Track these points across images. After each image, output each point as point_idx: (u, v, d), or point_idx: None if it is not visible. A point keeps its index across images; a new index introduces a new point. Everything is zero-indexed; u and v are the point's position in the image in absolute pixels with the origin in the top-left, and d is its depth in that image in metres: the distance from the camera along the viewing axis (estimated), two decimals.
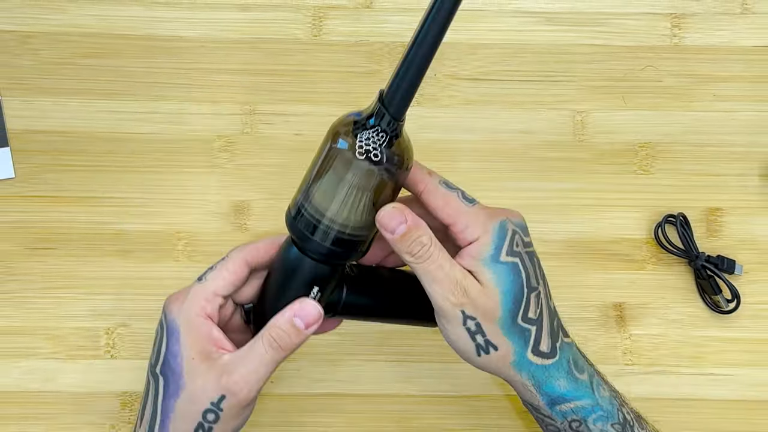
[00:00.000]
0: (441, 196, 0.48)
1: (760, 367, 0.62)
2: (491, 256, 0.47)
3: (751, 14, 0.65)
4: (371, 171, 0.45)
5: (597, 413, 0.49)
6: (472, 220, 0.47)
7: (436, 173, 0.49)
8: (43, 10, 0.64)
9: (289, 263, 0.49)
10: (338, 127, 0.47)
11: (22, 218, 0.62)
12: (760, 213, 0.63)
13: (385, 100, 0.45)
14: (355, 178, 0.45)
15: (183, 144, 0.63)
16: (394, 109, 0.45)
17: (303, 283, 0.48)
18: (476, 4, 0.65)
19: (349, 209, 0.46)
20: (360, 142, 0.45)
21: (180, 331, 0.48)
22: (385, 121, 0.45)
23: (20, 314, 0.61)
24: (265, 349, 0.47)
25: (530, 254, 0.48)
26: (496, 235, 0.47)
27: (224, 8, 0.64)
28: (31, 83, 0.63)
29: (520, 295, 0.47)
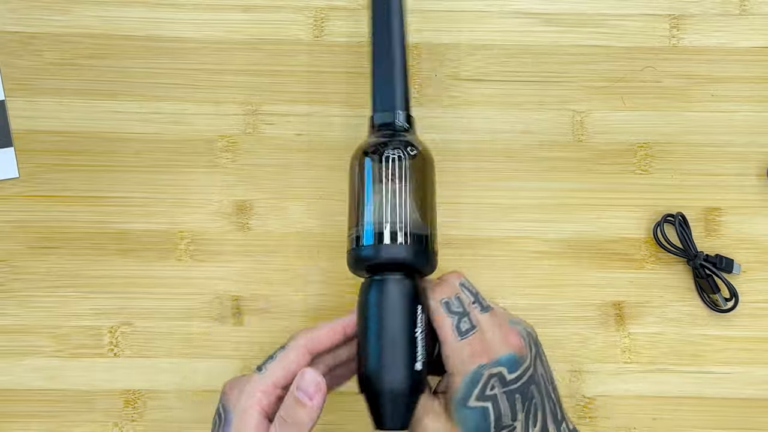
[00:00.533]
0: (436, 318, 0.49)
1: (758, 365, 0.62)
2: (460, 400, 0.47)
3: (749, 15, 0.65)
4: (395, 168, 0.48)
5: None
6: (455, 355, 0.48)
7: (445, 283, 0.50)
8: (47, 11, 0.63)
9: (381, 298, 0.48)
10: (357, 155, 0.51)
11: (25, 218, 0.62)
12: (759, 212, 0.63)
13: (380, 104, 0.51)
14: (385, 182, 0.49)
15: (185, 144, 0.63)
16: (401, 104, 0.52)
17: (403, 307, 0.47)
18: (477, 5, 0.64)
19: (395, 210, 0.48)
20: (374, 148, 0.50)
21: (233, 423, 0.48)
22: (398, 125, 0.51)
23: (24, 313, 0.61)
24: (278, 427, 0.47)
25: (510, 393, 0.47)
26: (469, 380, 0.47)
27: (226, 9, 0.64)
28: (35, 84, 0.63)
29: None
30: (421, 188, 0.50)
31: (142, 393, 0.61)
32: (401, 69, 0.52)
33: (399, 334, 0.47)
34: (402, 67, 0.52)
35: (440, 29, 0.64)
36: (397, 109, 0.53)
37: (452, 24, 0.64)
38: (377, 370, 0.47)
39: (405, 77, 0.52)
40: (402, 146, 0.50)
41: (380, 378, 0.47)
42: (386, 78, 0.52)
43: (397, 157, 0.49)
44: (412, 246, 0.48)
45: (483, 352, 0.47)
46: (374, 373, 0.47)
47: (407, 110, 0.53)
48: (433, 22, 0.64)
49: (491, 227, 0.63)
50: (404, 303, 0.47)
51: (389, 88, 0.52)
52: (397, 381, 0.47)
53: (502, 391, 0.47)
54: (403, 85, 0.53)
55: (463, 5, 0.65)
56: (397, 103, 0.53)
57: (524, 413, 0.48)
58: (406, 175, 0.49)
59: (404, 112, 0.53)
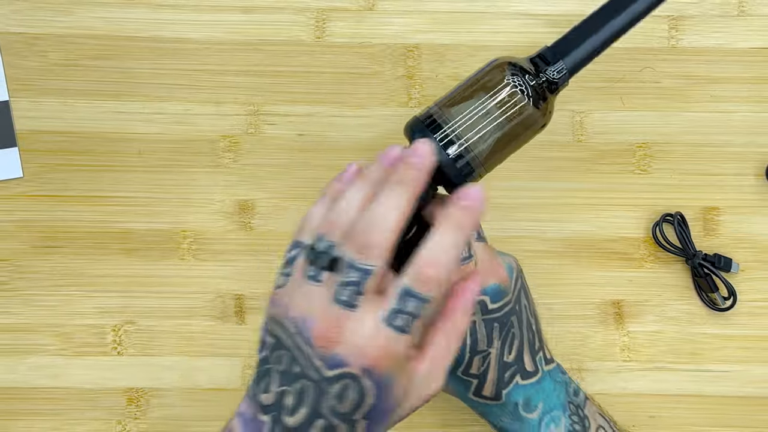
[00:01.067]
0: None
1: (756, 363, 0.62)
2: None
3: (747, 16, 0.65)
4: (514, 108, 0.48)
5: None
6: None
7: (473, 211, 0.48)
8: (51, 12, 0.64)
9: None
10: (500, 62, 0.50)
11: (29, 217, 0.62)
12: (757, 212, 0.64)
13: (558, 51, 0.49)
14: (497, 109, 0.47)
15: (188, 144, 0.63)
16: (570, 62, 0.49)
17: None
18: (477, 6, 0.65)
19: (481, 134, 0.47)
20: (515, 80, 0.48)
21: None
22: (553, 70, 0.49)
23: (28, 311, 0.62)
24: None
25: (488, 321, 0.49)
26: None
27: (228, 11, 0.64)
28: (39, 84, 0.63)
29: (461, 359, 0.49)
30: (512, 134, 0.48)
31: (146, 391, 0.61)
32: (604, 38, 0.49)
33: None
34: (606, 38, 0.50)
35: (441, 30, 0.65)
36: (563, 61, 0.50)
37: (453, 25, 0.65)
38: None
39: (599, 49, 0.50)
40: (533, 89, 0.49)
41: None
42: (586, 32, 0.50)
43: (519, 91, 0.48)
44: (455, 166, 0.47)
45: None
46: None
47: (571, 72, 0.50)
48: (435, 24, 0.65)
49: (492, 226, 0.62)
50: None
51: (579, 40, 0.50)
52: None
53: (482, 318, 0.49)
54: (591, 52, 0.50)
55: (464, 6, 0.65)
56: (570, 58, 0.50)
57: (500, 341, 0.50)
58: (510, 112, 0.48)
59: (566, 71, 0.50)
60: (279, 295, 0.43)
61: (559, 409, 0.51)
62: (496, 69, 0.49)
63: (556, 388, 0.52)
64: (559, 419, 0.51)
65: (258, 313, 0.62)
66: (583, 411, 0.52)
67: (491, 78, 0.49)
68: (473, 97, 0.48)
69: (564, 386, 0.52)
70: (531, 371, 0.51)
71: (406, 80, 0.64)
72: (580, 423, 0.52)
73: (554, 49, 0.50)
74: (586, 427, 0.52)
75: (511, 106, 0.48)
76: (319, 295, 0.41)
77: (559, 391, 0.52)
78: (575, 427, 0.51)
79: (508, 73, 0.49)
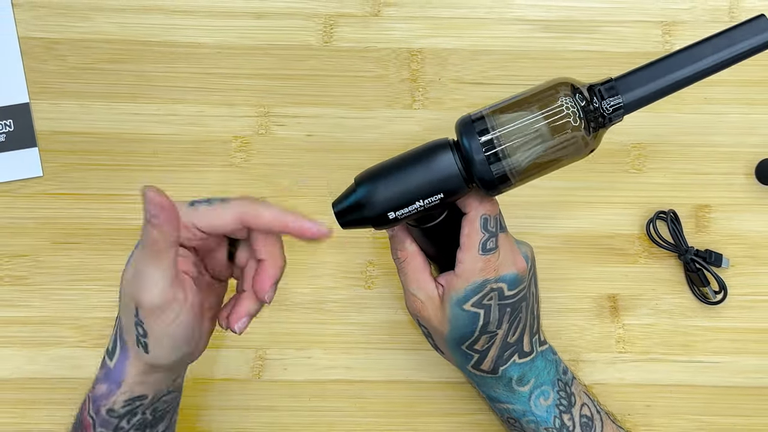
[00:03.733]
0: (470, 228, 0.51)
1: (745, 355, 0.64)
2: (458, 300, 0.52)
3: (737, 22, 0.65)
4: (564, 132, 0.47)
5: (528, 417, 0.54)
6: (469, 265, 0.51)
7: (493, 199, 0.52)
8: (69, 18, 0.65)
9: (437, 163, 0.48)
10: (560, 82, 0.49)
11: (49, 214, 0.64)
12: (746, 210, 0.65)
13: (621, 86, 0.48)
14: (547, 128, 0.47)
15: (201, 144, 0.65)
16: (629, 100, 0.48)
17: (436, 184, 0.48)
18: (478, 12, 0.66)
19: (525, 149, 0.48)
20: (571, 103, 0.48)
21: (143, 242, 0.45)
22: (608, 104, 0.48)
23: (48, 305, 0.63)
24: (140, 249, 0.45)
25: (503, 306, 0.52)
26: (472, 289, 0.51)
27: (240, 16, 0.65)
28: (58, 87, 0.65)
29: (469, 335, 0.52)
30: (555, 155, 0.48)
31: None
32: (672, 84, 0.48)
33: (411, 188, 0.49)
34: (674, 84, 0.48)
35: (444, 35, 0.66)
36: (622, 98, 0.48)
37: (455, 30, 0.66)
38: (376, 180, 0.49)
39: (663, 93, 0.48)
40: (586, 116, 0.48)
41: (371, 186, 0.49)
42: (655, 74, 0.48)
43: (571, 113, 0.47)
44: (494, 176, 0.48)
45: (493, 270, 0.51)
46: (373, 177, 0.50)
47: (627, 111, 0.49)
48: (438, 29, 0.66)
49: None
50: (438, 182, 0.48)
51: (644, 80, 0.48)
52: (373, 201, 0.49)
53: (498, 303, 0.52)
54: (653, 95, 0.48)
55: (466, 13, 0.66)
56: (631, 96, 0.48)
57: (508, 324, 0.52)
58: (558, 132, 0.47)
59: (622, 110, 0.49)
60: None
61: (549, 384, 0.54)
62: (556, 87, 0.49)
63: (547, 366, 0.55)
64: (548, 393, 0.54)
65: (266, 307, 0.63)
66: (570, 388, 0.55)
67: (548, 95, 0.48)
68: (527, 109, 0.48)
69: (554, 365, 0.55)
70: (527, 351, 0.54)
71: (410, 83, 0.66)
72: (567, 398, 0.54)
73: (618, 83, 0.49)
74: (572, 402, 0.55)
75: (560, 127, 0.48)
76: None
77: (550, 369, 0.55)
78: (562, 401, 0.54)
79: (564, 94, 0.48)
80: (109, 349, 0.49)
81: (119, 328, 0.48)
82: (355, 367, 0.63)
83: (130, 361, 0.47)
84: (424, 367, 0.62)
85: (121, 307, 0.47)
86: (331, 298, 0.64)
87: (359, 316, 0.64)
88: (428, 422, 0.63)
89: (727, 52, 0.48)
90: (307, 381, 0.63)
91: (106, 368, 0.49)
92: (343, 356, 0.64)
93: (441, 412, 0.63)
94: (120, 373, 0.48)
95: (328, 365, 0.63)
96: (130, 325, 0.46)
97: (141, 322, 0.46)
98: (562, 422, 0.54)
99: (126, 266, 0.47)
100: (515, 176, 0.49)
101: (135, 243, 0.62)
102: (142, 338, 0.46)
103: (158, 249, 0.44)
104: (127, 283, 0.46)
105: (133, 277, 0.46)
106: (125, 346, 0.47)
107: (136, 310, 0.45)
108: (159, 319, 0.45)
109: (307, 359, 0.63)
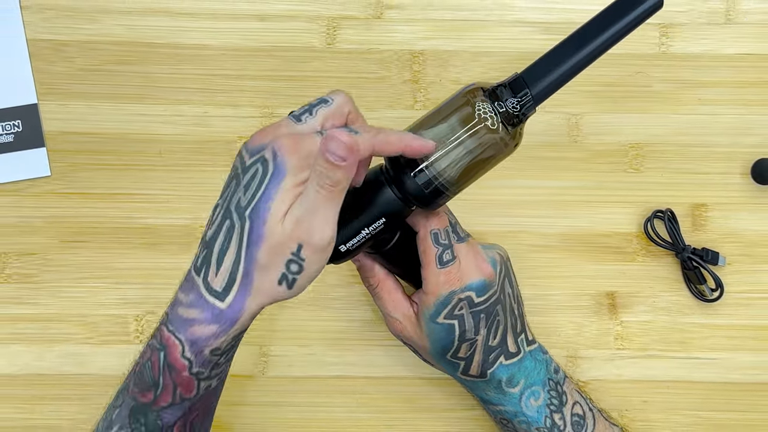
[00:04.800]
0: (424, 245, 0.52)
1: (741, 351, 0.64)
2: (431, 315, 0.53)
3: (733, 24, 0.66)
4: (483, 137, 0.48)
5: (519, 418, 0.55)
6: (432, 280, 0.52)
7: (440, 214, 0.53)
8: (77, 20, 0.66)
9: (372, 191, 0.49)
10: (472, 89, 0.49)
11: (57, 213, 0.65)
12: (743, 209, 0.65)
13: (528, 79, 0.48)
14: (467, 137, 0.48)
15: (206, 144, 0.65)
16: (537, 91, 0.48)
17: (376, 210, 0.49)
18: (479, 15, 0.66)
19: (450, 161, 0.48)
20: (485, 108, 0.48)
21: (287, 178, 0.44)
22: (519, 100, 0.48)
23: (56, 302, 0.64)
24: (316, 192, 0.44)
25: (475, 313, 0.53)
26: (440, 302, 0.52)
27: (244, 19, 0.66)
28: (66, 88, 0.65)
29: (450, 346, 0.53)
30: (481, 160, 0.48)
31: None
32: (572, 69, 0.48)
33: (354, 218, 0.49)
34: (574, 68, 0.48)
35: (445, 37, 0.67)
36: (530, 91, 0.48)
37: (456, 32, 0.67)
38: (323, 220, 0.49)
39: (566, 79, 0.48)
40: (502, 116, 0.48)
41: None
42: (554, 61, 0.48)
43: (489, 118, 0.48)
44: (426, 192, 0.49)
45: (456, 280, 0.52)
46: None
47: (537, 102, 0.49)
48: (439, 31, 0.67)
49: (492, 222, 0.65)
50: (377, 209, 0.49)
51: (546, 70, 0.48)
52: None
53: (469, 311, 0.52)
54: (557, 82, 0.48)
55: (466, 15, 0.67)
56: (537, 87, 0.48)
57: (486, 329, 0.53)
58: (480, 140, 0.48)
59: (532, 101, 0.49)
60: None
61: (539, 384, 0.55)
62: (468, 95, 0.49)
63: (536, 367, 0.55)
64: (538, 393, 0.55)
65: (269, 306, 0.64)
66: (561, 387, 0.56)
67: (462, 103, 0.49)
68: (445, 122, 0.49)
69: (545, 365, 0.56)
70: (514, 352, 0.55)
71: (412, 84, 0.66)
72: (558, 398, 0.55)
73: (524, 77, 0.49)
74: (564, 402, 0.55)
75: (480, 132, 0.48)
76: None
77: (539, 369, 0.56)
78: (553, 401, 0.55)
79: (478, 99, 0.48)
80: (217, 289, 0.45)
81: (245, 266, 0.45)
82: (356, 363, 0.64)
83: (253, 298, 0.45)
84: (424, 364, 0.62)
85: (263, 246, 0.44)
86: (334, 295, 0.65)
87: (361, 313, 0.65)
88: (427, 418, 0.64)
89: (621, 23, 0.47)
90: (309, 377, 0.64)
91: (213, 309, 0.45)
92: (345, 353, 0.64)
93: (440, 408, 0.64)
94: (237, 312, 0.45)
95: (330, 362, 0.64)
96: (275, 262, 0.45)
97: (302, 259, 0.45)
98: (553, 422, 0.55)
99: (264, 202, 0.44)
100: (449, 188, 0.49)
101: (144, 240, 0.63)
102: (293, 275, 0.45)
103: (339, 189, 0.44)
104: (290, 223, 0.44)
105: (304, 216, 0.44)
106: (250, 284, 0.45)
107: (299, 248, 0.44)
108: (321, 257, 0.45)
109: (310, 356, 0.64)
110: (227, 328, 0.46)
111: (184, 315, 0.46)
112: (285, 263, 0.45)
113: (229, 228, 0.45)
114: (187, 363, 0.47)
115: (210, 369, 0.47)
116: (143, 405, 0.49)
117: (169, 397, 0.48)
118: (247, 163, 0.46)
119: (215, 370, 0.48)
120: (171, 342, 0.47)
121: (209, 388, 0.49)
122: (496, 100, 0.48)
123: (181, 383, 0.47)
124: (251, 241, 0.44)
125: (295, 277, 0.45)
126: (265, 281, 0.45)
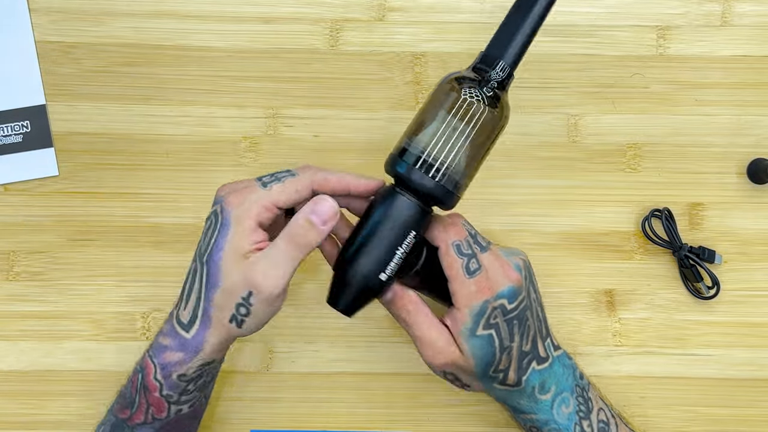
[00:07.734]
0: (448, 259, 0.52)
1: (737, 348, 0.65)
2: (469, 330, 0.52)
3: (730, 26, 0.67)
4: (477, 116, 0.49)
5: (551, 426, 0.55)
6: (463, 292, 0.52)
7: (457, 225, 0.53)
8: (85, 22, 0.66)
9: (393, 209, 0.50)
10: (449, 79, 0.51)
11: (65, 212, 0.65)
12: (738, 208, 0.66)
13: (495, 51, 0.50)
14: (464, 124, 0.49)
15: (212, 145, 0.66)
16: (509, 57, 0.50)
17: (401, 225, 0.50)
18: (479, 17, 0.67)
19: (455, 150, 0.49)
20: (470, 91, 0.50)
21: (231, 229, 0.49)
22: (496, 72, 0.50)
23: (64, 300, 0.65)
24: (285, 246, 0.48)
25: (509, 320, 0.53)
26: (476, 313, 0.52)
27: (249, 21, 0.66)
28: (74, 89, 0.66)
29: (492, 359, 0.53)
30: (481, 140, 0.50)
31: None
32: (530, 28, 0.51)
33: (384, 243, 0.50)
34: (531, 27, 0.51)
35: (446, 39, 0.67)
36: (503, 60, 0.51)
37: (457, 34, 0.67)
38: (352, 259, 0.50)
39: (528, 38, 0.51)
40: (486, 94, 0.50)
41: (351, 266, 0.50)
42: (512, 28, 0.51)
43: (476, 100, 0.49)
44: (443, 186, 0.49)
45: (487, 289, 0.52)
46: (349, 259, 0.51)
47: (512, 67, 0.52)
48: (441, 33, 0.67)
49: (493, 221, 0.66)
50: (403, 223, 0.50)
51: (508, 37, 0.51)
52: (360, 276, 0.50)
53: (504, 319, 0.52)
54: (523, 44, 0.51)
55: (468, 18, 0.67)
56: (508, 54, 0.51)
57: (519, 335, 0.53)
58: (474, 121, 0.49)
59: (508, 67, 0.51)
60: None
61: (569, 391, 0.55)
62: (447, 86, 0.50)
63: (564, 372, 0.55)
64: (568, 401, 0.55)
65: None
66: (587, 393, 0.56)
67: (445, 96, 0.50)
68: (437, 117, 0.50)
69: (572, 371, 0.56)
70: (544, 357, 0.55)
71: (414, 86, 0.67)
72: (585, 404, 0.55)
73: (490, 51, 0.51)
74: (590, 408, 0.55)
75: (472, 116, 0.49)
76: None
77: (567, 375, 0.55)
78: (581, 407, 0.55)
79: (458, 87, 0.50)
80: (184, 322, 0.51)
81: (204, 304, 0.50)
82: (359, 359, 0.65)
83: (211, 332, 0.50)
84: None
85: (219, 289, 0.49)
86: None
87: (364, 310, 0.65)
88: (430, 413, 0.65)
89: None
90: (313, 373, 0.65)
91: (180, 338, 0.51)
92: (349, 349, 0.65)
93: (442, 403, 0.65)
94: (199, 343, 0.51)
95: (333, 358, 0.65)
96: (227, 304, 0.49)
97: (250, 304, 0.48)
98: (582, 429, 0.55)
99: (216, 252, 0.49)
100: (463, 178, 0.50)
101: (150, 239, 0.64)
102: (242, 317, 0.49)
103: (308, 248, 0.48)
104: (247, 270, 0.48)
105: (263, 266, 0.48)
106: (209, 320, 0.50)
107: (249, 294, 0.48)
108: (271, 305, 0.49)
109: (314, 352, 0.65)
110: (192, 356, 0.51)
111: (162, 342, 0.53)
112: (235, 306, 0.49)
113: (194, 270, 0.51)
114: (158, 385, 0.52)
115: (179, 394, 0.52)
116: (121, 421, 0.54)
117: (142, 415, 0.53)
118: (209, 214, 0.52)
119: (184, 396, 0.52)
120: (148, 364, 0.52)
121: (180, 413, 0.53)
122: (475, 80, 0.50)
123: (153, 403, 0.52)
124: (210, 284, 0.50)
125: (244, 319, 0.50)
126: (220, 318, 0.50)
